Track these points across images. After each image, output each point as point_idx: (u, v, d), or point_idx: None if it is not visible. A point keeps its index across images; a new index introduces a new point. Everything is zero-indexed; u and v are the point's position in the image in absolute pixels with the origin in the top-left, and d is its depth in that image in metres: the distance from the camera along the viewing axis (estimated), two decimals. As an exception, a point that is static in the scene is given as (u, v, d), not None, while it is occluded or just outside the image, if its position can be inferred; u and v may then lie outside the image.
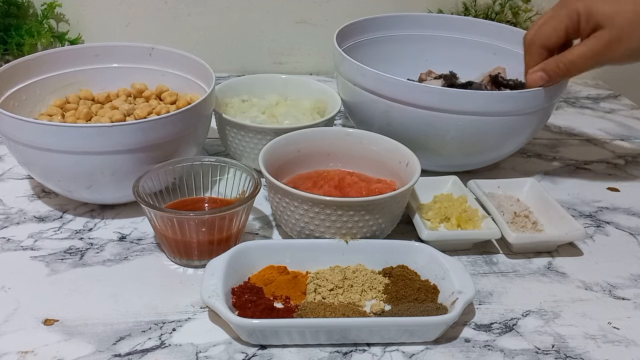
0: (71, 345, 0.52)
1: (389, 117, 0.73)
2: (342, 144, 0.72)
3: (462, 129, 0.72)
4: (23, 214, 0.69)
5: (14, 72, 0.72)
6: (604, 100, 1.11)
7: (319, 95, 0.84)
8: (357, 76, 0.75)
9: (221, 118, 0.76)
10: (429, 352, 0.54)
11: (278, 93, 0.85)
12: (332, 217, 0.60)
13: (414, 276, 0.60)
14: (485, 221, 0.67)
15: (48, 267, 0.61)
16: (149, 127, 0.63)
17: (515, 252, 0.67)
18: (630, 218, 0.75)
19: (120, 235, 0.66)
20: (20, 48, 1.01)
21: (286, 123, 0.77)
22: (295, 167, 0.70)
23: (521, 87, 0.84)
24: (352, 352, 0.54)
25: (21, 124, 0.62)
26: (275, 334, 0.53)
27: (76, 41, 1.06)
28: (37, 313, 0.55)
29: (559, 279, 0.64)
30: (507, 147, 0.78)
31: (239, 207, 0.60)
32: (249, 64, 1.09)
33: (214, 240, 0.60)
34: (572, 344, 0.56)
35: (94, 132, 0.61)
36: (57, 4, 1.05)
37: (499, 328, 0.57)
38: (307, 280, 0.59)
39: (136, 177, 0.62)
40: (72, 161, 0.62)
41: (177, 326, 0.55)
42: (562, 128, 0.98)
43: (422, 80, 0.87)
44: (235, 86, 0.84)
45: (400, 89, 0.72)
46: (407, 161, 0.67)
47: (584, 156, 0.89)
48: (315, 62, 1.07)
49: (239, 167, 0.66)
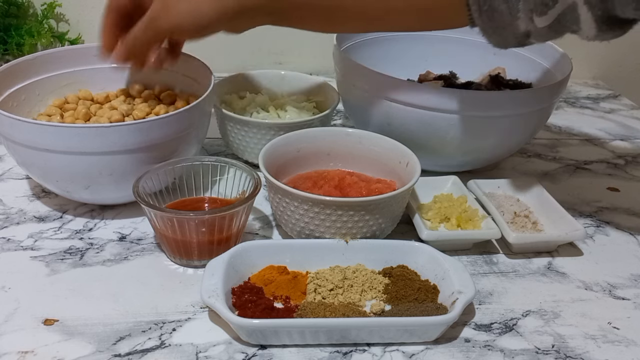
0: (71, 345, 0.52)
1: (389, 117, 0.73)
2: (342, 144, 0.72)
3: (462, 129, 0.72)
4: (23, 214, 0.69)
5: (13, 72, 0.72)
6: (604, 100, 1.11)
7: (317, 91, 0.84)
8: (357, 76, 0.75)
9: (222, 114, 0.76)
10: (429, 352, 0.54)
11: (276, 89, 0.85)
12: (332, 217, 0.60)
13: (414, 276, 0.60)
14: (485, 221, 0.67)
15: (48, 267, 0.61)
16: (147, 127, 0.63)
17: (515, 252, 0.67)
18: (630, 218, 0.75)
19: (120, 235, 0.66)
20: (20, 48, 1.01)
21: (287, 117, 0.78)
22: (295, 167, 0.70)
23: (521, 87, 0.85)
24: (352, 352, 0.54)
25: (18, 124, 0.61)
26: (275, 334, 0.53)
27: (76, 41, 1.06)
28: (37, 313, 0.55)
29: (559, 279, 0.64)
30: (507, 147, 0.78)
31: (239, 207, 0.60)
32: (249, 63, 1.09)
33: (214, 240, 0.60)
34: (572, 344, 0.56)
35: (92, 133, 0.61)
36: (57, 4, 1.05)
37: (499, 328, 0.57)
38: (307, 280, 0.59)
39: (134, 177, 0.62)
40: (70, 161, 0.62)
41: (177, 326, 0.55)
42: (562, 128, 0.98)
43: (421, 81, 0.87)
44: (233, 83, 0.84)
45: (400, 89, 0.72)
46: (407, 161, 0.67)
47: (584, 156, 0.89)
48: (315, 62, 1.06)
49: (239, 167, 0.66)
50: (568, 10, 0.54)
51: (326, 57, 0.87)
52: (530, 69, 0.85)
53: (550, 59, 0.83)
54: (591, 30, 0.55)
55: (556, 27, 0.57)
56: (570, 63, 0.78)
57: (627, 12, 0.53)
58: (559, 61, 0.81)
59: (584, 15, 0.54)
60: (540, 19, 0.56)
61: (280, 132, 0.72)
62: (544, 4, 0.54)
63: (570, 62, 0.79)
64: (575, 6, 0.54)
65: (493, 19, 0.57)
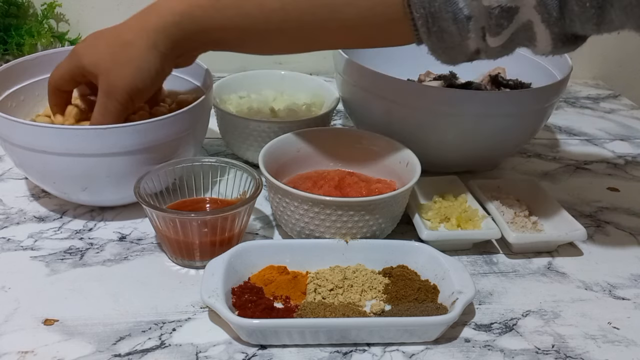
0: (71, 345, 0.52)
1: (389, 117, 0.73)
2: (342, 144, 0.72)
3: (462, 129, 0.72)
4: (23, 214, 0.69)
5: (12, 72, 0.72)
6: (604, 100, 1.11)
7: (316, 91, 0.84)
8: (357, 76, 0.75)
9: (222, 114, 0.76)
10: (429, 352, 0.54)
11: (276, 89, 0.85)
12: (332, 217, 0.60)
13: (414, 276, 0.60)
14: (485, 221, 0.67)
15: (48, 267, 0.61)
16: (145, 129, 0.63)
17: (515, 252, 0.67)
18: (630, 218, 0.75)
19: (120, 235, 0.66)
20: (20, 48, 1.01)
21: (287, 117, 0.78)
22: (295, 167, 0.70)
23: (521, 87, 0.85)
24: (352, 352, 0.54)
25: (15, 125, 0.61)
26: (275, 334, 0.53)
27: (76, 41, 1.06)
28: (37, 313, 0.55)
29: (559, 279, 0.64)
30: (507, 147, 0.78)
31: (241, 208, 0.60)
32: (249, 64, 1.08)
33: (216, 241, 0.60)
34: (572, 344, 0.56)
35: (91, 134, 0.61)
36: (57, 4, 1.05)
37: (499, 328, 0.57)
38: (307, 280, 0.59)
39: (133, 179, 0.62)
40: (68, 163, 0.62)
41: (177, 326, 0.55)
42: (562, 128, 0.98)
43: (421, 82, 0.87)
44: (233, 83, 0.84)
45: (400, 89, 0.72)
46: (407, 161, 0.67)
47: (584, 156, 0.89)
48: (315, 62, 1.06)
49: (239, 168, 0.66)
50: (522, 28, 0.54)
51: (326, 57, 0.87)
52: (530, 69, 0.85)
53: (550, 59, 0.83)
54: (547, 47, 0.55)
55: (509, 45, 0.56)
56: (570, 63, 0.78)
57: (587, 29, 0.53)
58: (559, 61, 0.81)
59: (541, 34, 0.54)
60: (493, 39, 0.55)
61: (280, 132, 0.72)
62: (498, 24, 0.53)
63: (570, 62, 0.79)
64: (530, 25, 0.53)
65: (442, 39, 0.56)
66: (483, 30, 0.54)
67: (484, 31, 0.54)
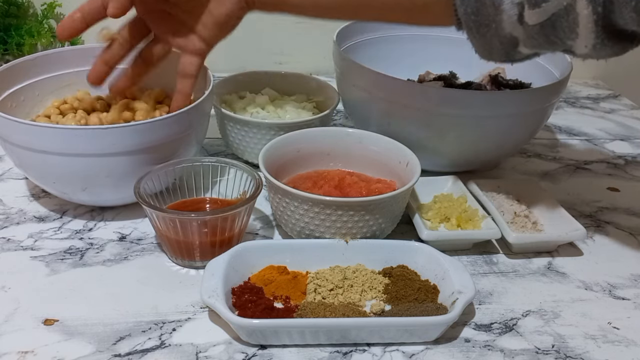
0: (71, 345, 0.52)
1: (389, 117, 0.73)
2: (342, 144, 0.72)
3: (462, 129, 0.72)
4: (23, 214, 0.69)
5: (12, 72, 0.72)
6: (604, 100, 1.11)
7: (317, 91, 0.84)
8: (357, 76, 0.75)
9: (222, 114, 0.76)
10: (429, 352, 0.54)
11: (276, 89, 0.85)
12: (332, 217, 0.60)
13: (414, 276, 0.60)
14: (485, 221, 0.67)
15: (48, 267, 0.61)
16: (145, 129, 0.63)
17: (515, 252, 0.67)
18: (630, 218, 0.75)
19: (120, 235, 0.66)
20: (20, 48, 1.01)
21: (287, 117, 0.78)
22: (295, 167, 0.70)
23: (521, 87, 0.85)
24: (352, 352, 0.54)
25: (15, 125, 0.61)
26: (275, 334, 0.53)
27: (76, 41, 1.06)
28: (37, 313, 0.55)
29: (559, 279, 0.64)
30: (507, 147, 0.78)
31: (241, 208, 0.60)
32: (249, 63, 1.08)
33: (216, 241, 0.60)
34: (572, 344, 0.56)
35: (90, 134, 0.61)
36: (57, 4, 1.05)
37: (499, 328, 0.57)
38: (307, 280, 0.59)
39: (133, 179, 0.62)
40: (67, 163, 0.62)
41: (177, 326, 0.55)
42: (562, 128, 0.98)
43: (421, 82, 0.87)
44: (233, 83, 0.84)
45: (400, 89, 0.72)
46: (407, 161, 0.67)
47: (584, 156, 0.89)
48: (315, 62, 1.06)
49: (239, 168, 0.66)
50: (564, 12, 0.52)
51: (326, 57, 0.87)
52: (530, 69, 0.85)
53: (550, 59, 0.83)
54: (589, 37, 0.53)
55: (549, 32, 0.54)
56: (570, 63, 0.78)
57: (625, 15, 0.51)
58: (559, 61, 0.81)
59: (583, 18, 0.51)
60: (532, 12, 0.53)
61: (280, 132, 0.73)
62: None
63: (570, 62, 0.79)
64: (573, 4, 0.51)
65: (477, 11, 0.55)
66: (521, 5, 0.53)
67: (522, 6, 0.53)
